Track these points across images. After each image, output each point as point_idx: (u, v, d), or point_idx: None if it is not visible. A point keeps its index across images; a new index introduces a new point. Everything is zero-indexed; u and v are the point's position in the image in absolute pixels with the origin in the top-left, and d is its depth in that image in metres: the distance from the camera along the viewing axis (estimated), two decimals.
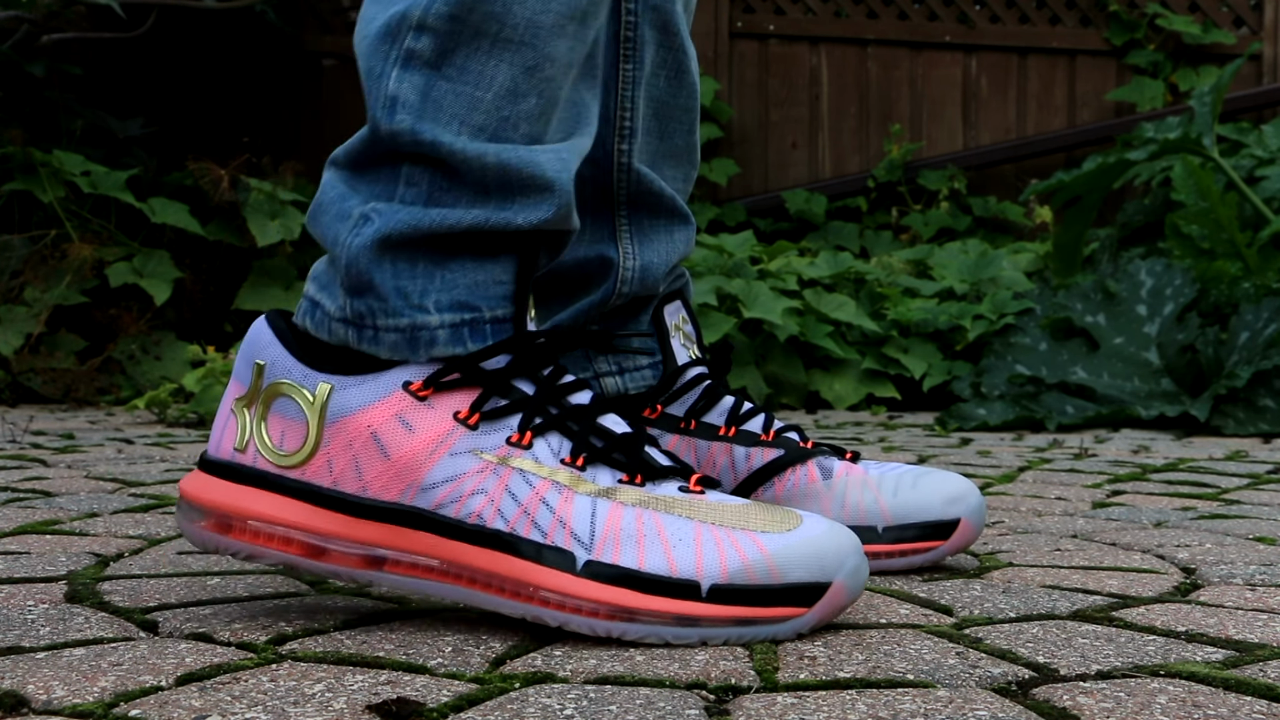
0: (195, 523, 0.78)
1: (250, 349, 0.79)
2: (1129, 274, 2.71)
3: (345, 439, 0.75)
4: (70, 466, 1.62)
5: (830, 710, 0.60)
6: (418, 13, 0.76)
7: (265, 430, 0.77)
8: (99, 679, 0.64)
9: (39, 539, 1.07)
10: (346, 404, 0.76)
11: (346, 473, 0.75)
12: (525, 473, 0.74)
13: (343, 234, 0.77)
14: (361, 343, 0.77)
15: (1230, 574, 0.96)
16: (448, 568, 0.74)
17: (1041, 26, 4.33)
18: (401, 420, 0.75)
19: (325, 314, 0.78)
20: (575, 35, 0.78)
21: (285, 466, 0.76)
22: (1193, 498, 1.42)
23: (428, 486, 0.74)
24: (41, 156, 3.02)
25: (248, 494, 0.77)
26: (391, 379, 0.76)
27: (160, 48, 3.77)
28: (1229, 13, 4.30)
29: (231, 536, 0.76)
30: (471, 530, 0.74)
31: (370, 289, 0.76)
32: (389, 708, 0.60)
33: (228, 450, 0.78)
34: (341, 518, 0.75)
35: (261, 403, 0.77)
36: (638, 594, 0.72)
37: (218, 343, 3.14)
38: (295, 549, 0.76)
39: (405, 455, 0.75)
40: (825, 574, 0.73)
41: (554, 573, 0.72)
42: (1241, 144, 3.44)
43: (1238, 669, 0.68)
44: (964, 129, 4.34)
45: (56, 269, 2.97)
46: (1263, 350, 2.43)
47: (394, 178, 0.77)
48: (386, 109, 0.76)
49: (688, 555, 0.72)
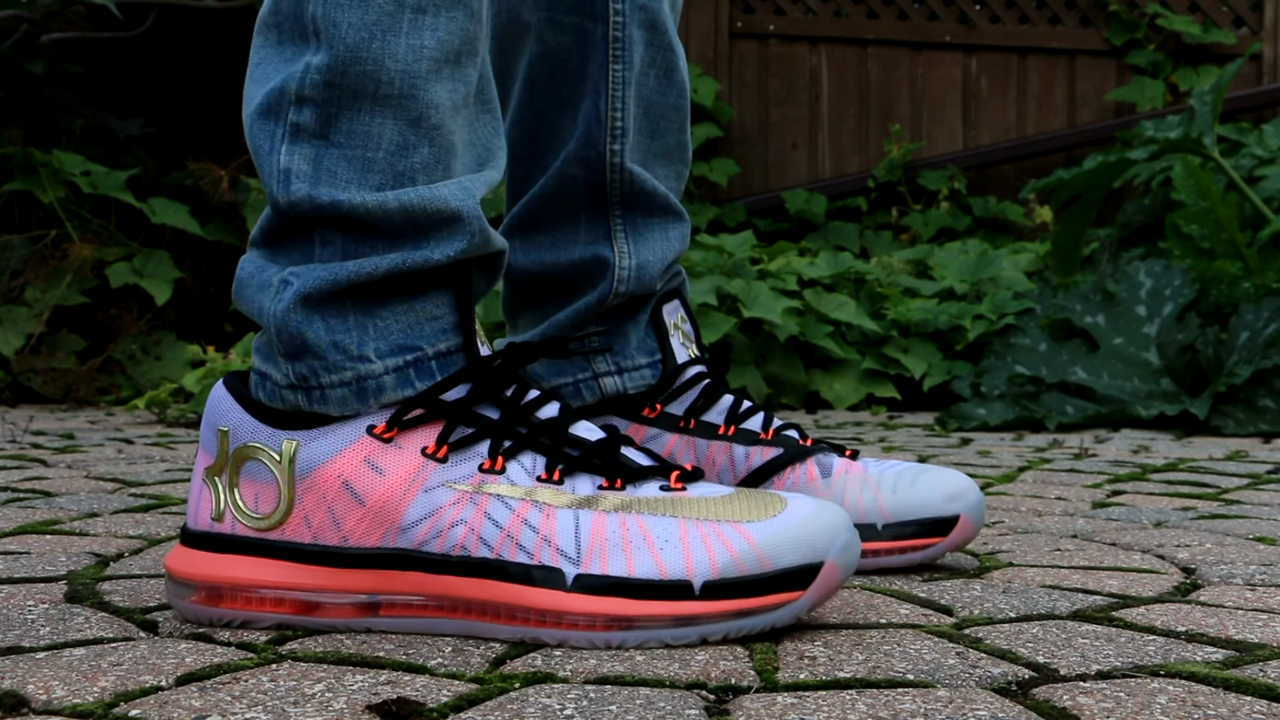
0: (185, 598, 0.77)
1: (212, 416, 0.79)
2: (1128, 275, 2.71)
3: (318, 492, 0.75)
4: (70, 466, 1.62)
5: (830, 710, 0.60)
6: (294, 86, 0.76)
7: (239, 495, 0.77)
8: (99, 679, 0.64)
9: (39, 539, 1.07)
10: (314, 457, 0.76)
11: (325, 525, 0.75)
12: (502, 497, 0.74)
13: (266, 303, 0.78)
14: (311, 404, 0.77)
15: (1230, 574, 0.96)
16: (440, 602, 0.74)
17: (1041, 26, 4.33)
18: (370, 464, 0.75)
19: (274, 384, 0.78)
20: (454, 77, 0.78)
21: (264, 529, 0.76)
22: (1193, 498, 1.42)
23: (406, 526, 0.74)
24: (41, 156, 3.02)
25: (231, 562, 0.76)
26: (355, 426, 0.76)
27: (160, 47, 3.77)
28: (1229, 13, 4.30)
29: (224, 606, 0.76)
30: (457, 562, 0.74)
31: (306, 350, 0.77)
32: (389, 708, 0.60)
33: (205, 521, 0.78)
34: (327, 570, 0.75)
35: (230, 469, 0.77)
36: (632, 601, 0.71)
37: (218, 343, 3.14)
38: (288, 608, 0.75)
39: (380, 499, 0.75)
40: (816, 554, 0.72)
41: (545, 592, 0.72)
42: (1241, 144, 3.44)
43: (1238, 669, 0.68)
44: (964, 129, 4.34)
45: (57, 269, 2.97)
46: (1263, 350, 2.43)
47: (308, 243, 0.78)
48: (281, 183, 0.77)
49: (675, 556, 0.72)
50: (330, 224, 0.78)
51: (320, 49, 0.76)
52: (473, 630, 0.74)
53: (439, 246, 0.77)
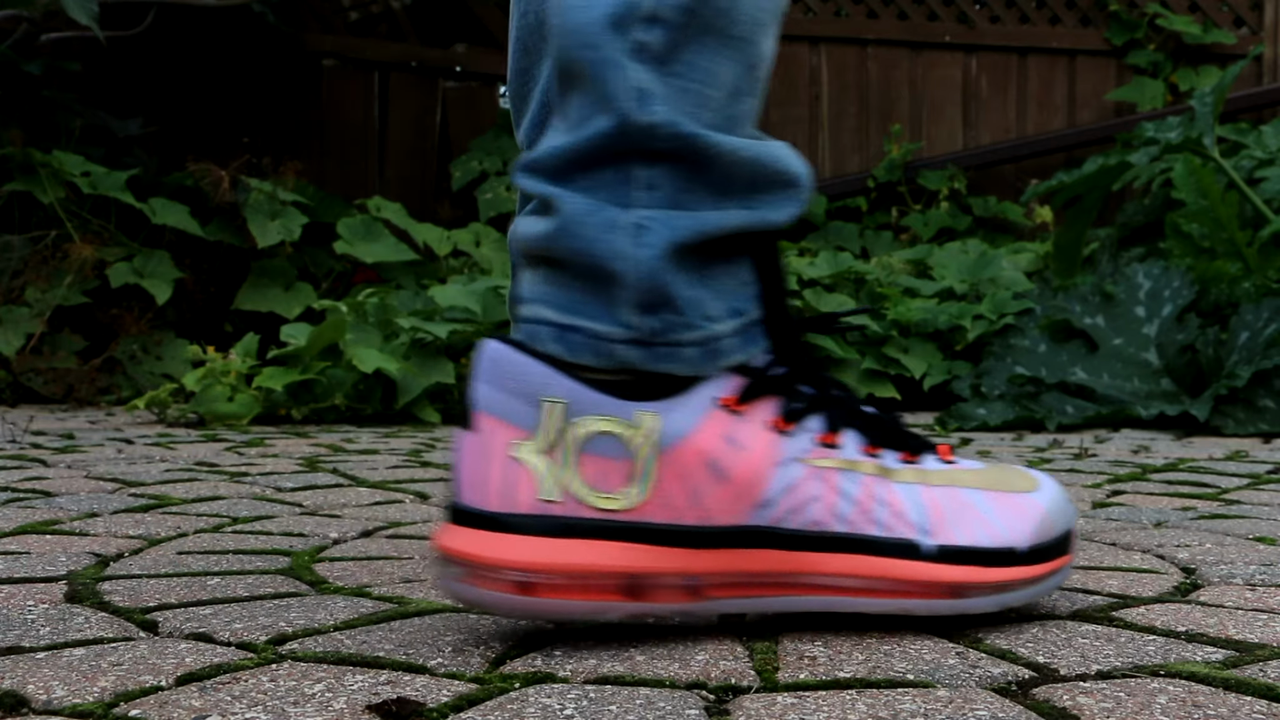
0: (489, 585, 0.69)
1: (523, 384, 0.69)
2: (1127, 276, 2.71)
3: (679, 468, 0.69)
4: (70, 466, 1.62)
5: (830, 710, 0.60)
6: (649, 2, 0.69)
7: (581, 473, 0.69)
8: (99, 679, 0.64)
9: (39, 539, 1.07)
10: (675, 430, 0.69)
11: (685, 504, 0.70)
12: (846, 471, 0.74)
13: (622, 245, 0.69)
14: (655, 362, 0.70)
15: (1230, 574, 0.96)
16: (791, 580, 0.73)
17: (1041, 26, 4.33)
18: (729, 439, 0.71)
19: (593, 336, 0.70)
20: (774, 35, 0.75)
21: (611, 510, 0.69)
22: (1193, 498, 1.42)
23: (766, 503, 0.71)
24: (41, 157, 3.02)
25: (564, 546, 0.68)
26: (701, 397, 0.71)
27: (159, 47, 3.77)
28: (1229, 13, 4.30)
29: (538, 595, 0.68)
30: (815, 537, 0.72)
31: (667, 303, 0.70)
32: (389, 708, 0.60)
33: (526, 502, 0.69)
34: (680, 552, 0.70)
35: (569, 444, 0.69)
36: (977, 568, 0.75)
37: (218, 343, 3.14)
38: (614, 595, 0.69)
39: (743, 474, 0.71)
40: (1069, 521, 0.79)
41: (905, 563, 0.74)
42: (1241, 144, 3.44)
43: (1238, 669, 0.68)
44: (964, 129, 4.34)
45: (57, 269, 2.97)
46: (1263, 350, 2.43)
47: (623, 181, 0.70)
48: (638, 101, 0.69)
49: (999, 524, 0.76)
50: (664, 160, 0.70)
51: None
52: (815, 606, 0.73)
53: (776, 208, 0.73)
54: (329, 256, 3.40)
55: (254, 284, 3.20)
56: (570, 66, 0.70)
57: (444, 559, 0.70)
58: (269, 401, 2.49)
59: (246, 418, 2.44)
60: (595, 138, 0.70)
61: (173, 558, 0.99)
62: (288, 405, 2.50)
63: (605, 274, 0.70)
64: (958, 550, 0.74)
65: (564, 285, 0.71)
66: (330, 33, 4.23)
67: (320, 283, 3.40)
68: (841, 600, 0.74)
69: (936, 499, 0.75)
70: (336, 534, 1.12)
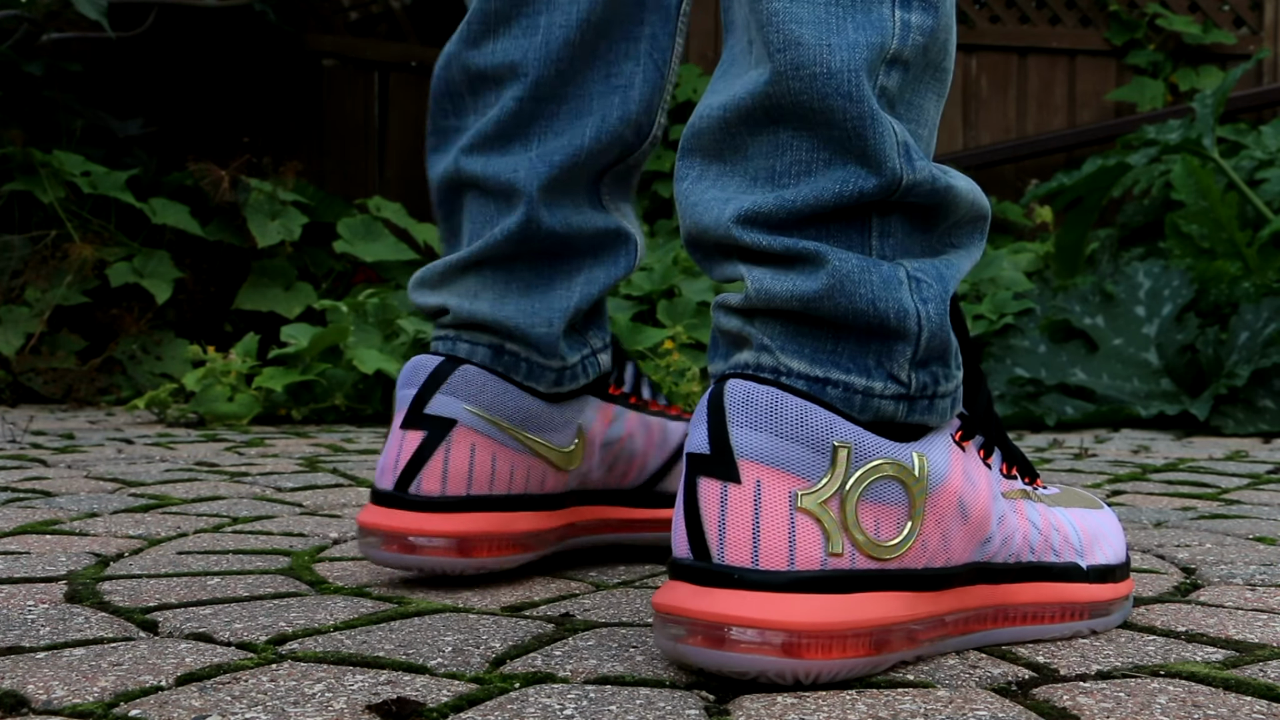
0: (747, 650, 0.62)
1: (805, 429, 0.63)
2: (1126, 276, 2.71)
3: (938, 511, 0.67)
4: (70, 466, 1.62)
5: (830, 710, 0.60)
6: (894, 44, 0.65)
7: (860, 522, 0.64)
8: (99, 679, 0.64)
9: (39, 539, 1.07)
10: (938, 472, 0.67)
11: (937, 547, 0.67)
12: (1028, 501, 0.75)
13: (908, 302, 0.66)
14: (911, 415, 0.67)
15: (1230, 574, 0.96)
16: (991, 613, 0.72)
17: (1041, 26, 4.33)
18: (968, 477, 0.69)
19: (851, 390, 0.66)
20: None
21: (885, 559, 0.64)
22: (1193, 498, 1.42)
23: (988, 540, 0.70)
24: (41, 157, 3.02)
25: (845, 602, 0.63)
26: (945, 435, 0.69)
27: (160, 47, 3.77)
28: (1229, 13, 4.30)
29: (804, 656, 0.62)
30: (1015, 569, 0.73)
31: (941, 356, 0.68)
32: (389, 708, 0.60)
33: (812, 558, 0.63)
34: (928, 596, 0.67)
35: (850, 492, 0.64)
36: (1111, 585, 0.78)
37: (218, 343, 3.14)
38: (868, 650, 0.64)
39: (979, 513, 0.69)
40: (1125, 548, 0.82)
41: (1074, 586, 0.75)
42: (1241, 145, 3.44)
43: (1238, 669, 0.68)
44: (964, 129, 4.34)
45: (57, 269, 2.97)
46: (1262, 350, 2.43)
47: (860, 229, 0.66)
48: (904, 157, 0.65)
49: (1109, 545, 0.79)
50: (903, 211, 0.67)
51: (917, 6, 0.66)
52: (1014, 636, 0.74)
53: (980, 243, 0.72)
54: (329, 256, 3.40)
55: (254, 284, 3.20)
56: (810, 113, 0.65)
57: (691, 624, 0.63)
58: (269, 402, 2.49)
59: (246, 418, 2.44)
60: (851, 194, 0.65)
61: (173, 558, 0.99)
62: (288, 405, 2.50)
63: (889, 331, 0.66)
64: (1101, 569, 0.78)
65: (822, 338, 0.66)
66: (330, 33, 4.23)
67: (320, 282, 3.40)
68: (1025, 630, 0.74)
69: (1079, 521, 0.79)
70: (336, 534, 1.12)
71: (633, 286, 2.93)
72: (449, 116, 0.93)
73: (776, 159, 0.66)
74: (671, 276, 2.95)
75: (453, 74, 0.92)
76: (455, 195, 0.93)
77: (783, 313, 0.66)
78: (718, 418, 0.64)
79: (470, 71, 0.92)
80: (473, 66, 0.91)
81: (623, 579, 0.93)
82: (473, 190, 0.92)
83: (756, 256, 0.67)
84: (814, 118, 0.65)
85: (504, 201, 0.90)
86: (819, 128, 0.65)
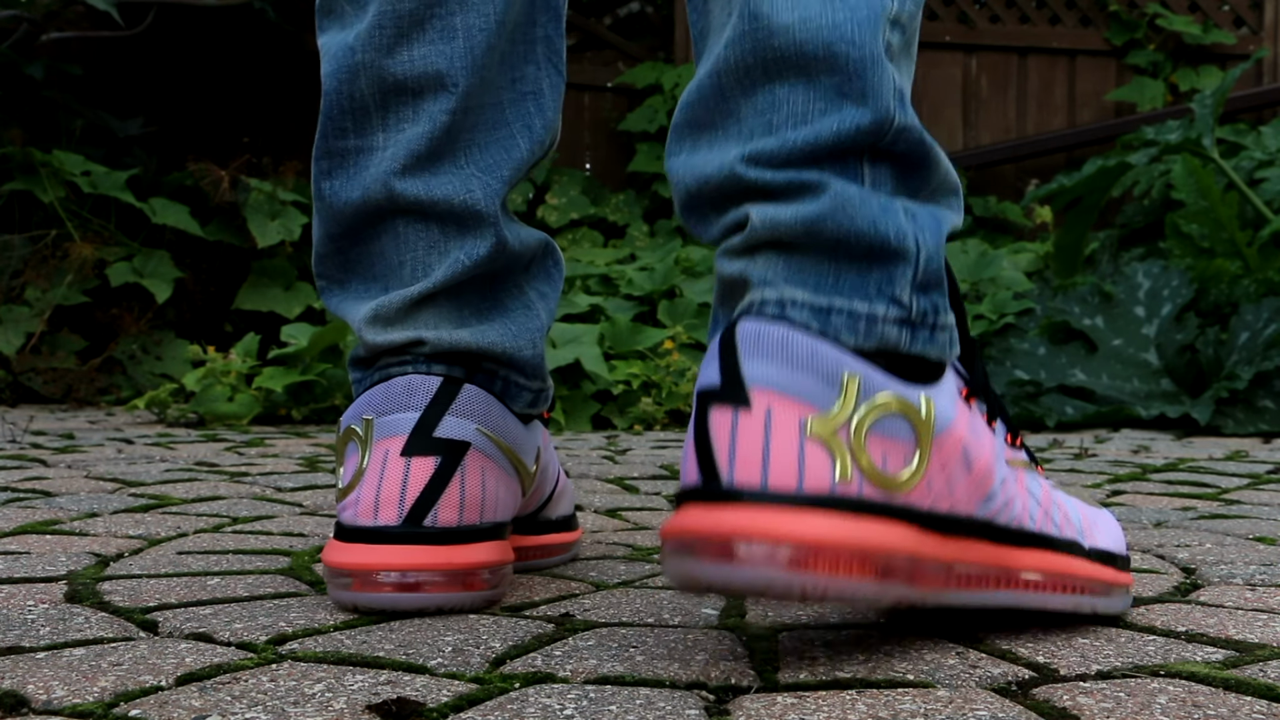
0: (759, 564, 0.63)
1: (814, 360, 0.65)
2: (1126, 276, 2.71)
3: (944, 455, 0.68)
4: (70, 466, 1.62)
5: (830, 710, 0.60)
6: (894, 7, 0.69)
7: (868, 453, 0.65)
8: (99, 679, 0.64)
9: (39, 539, 1.07)
10: (945, 416, 0.68)
11: (941, 490, 0.68)
12: (1024, 469, 0.76)
13: (905, 225, 0.69)
14: (914, 343, 0.69)
15: (1230, 574, 0.96)
16: (994, 574, 0.73)
17: (1041, 26, 4.33)
18: (973, 429, 0.71)
19: (855, 316, 0.67)
20: None
21: (892, 491, 0.66)
22: (1193, 498, 1.42)
23: (990, 497, 0.71)
24: (41, 156, 3.03)
25: (854, 523, 0.64)
26: (950, 384, 0.70)
27: (159, 47, 3.77)
28: (1229, 12, 4.30)
29: (812, 570, 0.63)
30: (1017, 533, 0.73)
31: (938, 285, 0.70)
32: (389, 708, 0.60)
33: (820, 482, 0.64)
34: (934, 537, 0.68)
35: (859, 423, 0.65)
36: (1114, 570, 0.79)
37: (218, 343, 3.14)
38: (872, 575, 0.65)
39: (982, 466, 0.71)
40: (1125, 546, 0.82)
41: (1077, 560, 0.76)
42: (1240, 145, 3.45)
43: (1238, 669, 0.68)
44: (964, 129, 4.34)
45: (57, 269, 2.98)
46: (1263, 350, 2.43)
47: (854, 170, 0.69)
48: (898, 102, 0.69)
49: (1109, 534, 0.80)
50: (888, 159, 0.70)
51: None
52: (1016, 601, 0.74)
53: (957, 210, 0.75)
54: None
55: (254, 284, 3.20)
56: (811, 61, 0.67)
57: (701, 542, 0.64)
58: (269, 402, 2.49)
59: (246, 418, 2.44)
60: (848, 131, 0.67)
61: (173, 558, 0.99)
62: (288, 405, 2.50)
63: (890, 251, 0.68)
64: (1102, 553, 0.78)
65: (823, 265, 0.68)
66: None
67: None
68: (1025, 596, 0.74)
69: (1079, 505, 0.80)
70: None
71: (633, 286, 2.93)
72: (347, 136, 0.85)
73: (773, 114, 0.68)
74: (672, 277, 2.95)
75: (360, 87, 0.84)
76: (377, 222, 0.86)
77: (785, 244, 0.68)
78: (729, 354, 0.66)
79: (385, 83, 0.84)
80: (389, 77, 0.84)
81: (623, 579, 0.93)
82: (408, 216, 0.85)
83: (761, 192, 0.68)
84: (815, 65, 0.67)
85: (456, 225, 0.85)
86: (820, 75, 0.67)
